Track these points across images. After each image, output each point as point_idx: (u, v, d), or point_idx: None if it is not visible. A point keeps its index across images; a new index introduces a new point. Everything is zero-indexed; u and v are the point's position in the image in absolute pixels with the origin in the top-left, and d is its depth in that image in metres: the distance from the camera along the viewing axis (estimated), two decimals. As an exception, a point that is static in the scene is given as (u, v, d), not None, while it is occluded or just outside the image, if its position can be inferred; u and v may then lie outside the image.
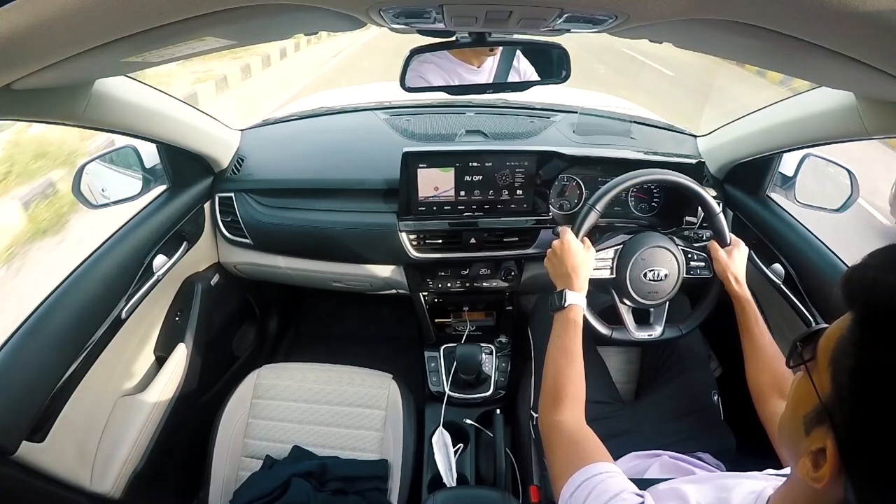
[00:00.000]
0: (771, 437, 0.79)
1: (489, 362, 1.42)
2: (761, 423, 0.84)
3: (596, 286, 1.00)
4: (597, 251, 0.99)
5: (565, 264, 0.93)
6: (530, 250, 1.28)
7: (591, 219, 0.99)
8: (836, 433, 0.39)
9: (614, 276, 1.01)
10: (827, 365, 0.41)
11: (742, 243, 1.03)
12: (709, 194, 1.02)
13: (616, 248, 1.02)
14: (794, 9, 0.42)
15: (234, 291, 1.50)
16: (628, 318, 1.03)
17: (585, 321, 0.94)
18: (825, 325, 0.44)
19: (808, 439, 0.42)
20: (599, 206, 0.99)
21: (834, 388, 0.40)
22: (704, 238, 1.07)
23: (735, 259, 1.00)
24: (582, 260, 0.94)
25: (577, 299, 0.89)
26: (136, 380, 1.16)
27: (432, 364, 1.44)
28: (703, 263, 1.05)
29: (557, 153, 1.20)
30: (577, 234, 0.97)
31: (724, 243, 1.02)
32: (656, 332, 1.04)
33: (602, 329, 1.00)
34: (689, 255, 1.05)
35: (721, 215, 1.02)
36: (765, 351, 0.89)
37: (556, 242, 0.97)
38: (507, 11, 0.51)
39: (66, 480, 0.93)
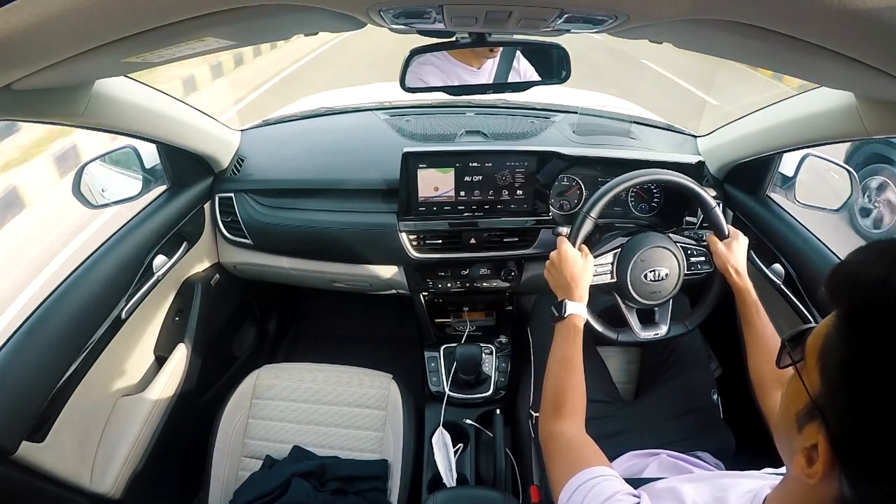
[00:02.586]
0: (772, 430, 0.79)
1: (489, 362, 1.42)
2: (761, 423, 0.84)
3: (598, 290, 1.00)
4: (595, 256, 0.99)
5: (564, 275, 0.93)
6: (530, 250, 1.28)
7: (587, 226, 0.99)
8: (828, 428, 0.39)
9: (615, 280, 1.01)
10: (815, 362, 0.41)
11: (741, 235, 1.03)
12: (703, 189, 1.02)
13: (614, 251, 1.02)
14: (795, 9, 0.42)
15: (234, 291, 1.50)
16: (633, 320, 1.03)
17: (591, 327, 0.94)
18: (812, 325, 0.45)
19: (801, 436, 0.42)
20: (594, 214, 0.99)
21: (823, 383, 0.40)
22: (705, 238, 1.07)
23: (734, 251, 1.00)
24: (581, 269, 0.93)
25: (577, 309, 0.89)
26: (136, 380, 1.16)
27: (432, 364, 1.43)
28: (703, 258, 1.05)
29: (557, 153, 1.20)
30: (573, 243, 0.97)
31: (722, 236, 1.02)
32: (662, 330, 1.04)
33: (608, 333, 1.00)
34: (689, 252, 1.05)
35: (717, 208, 1.02)
36: (767, 343, 0.89)
37: (553, 253, 0.97)
38: (507, 12, 0.51)
39: (66, 480, 0.93)
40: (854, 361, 0.38)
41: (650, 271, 1.00)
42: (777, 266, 1.17)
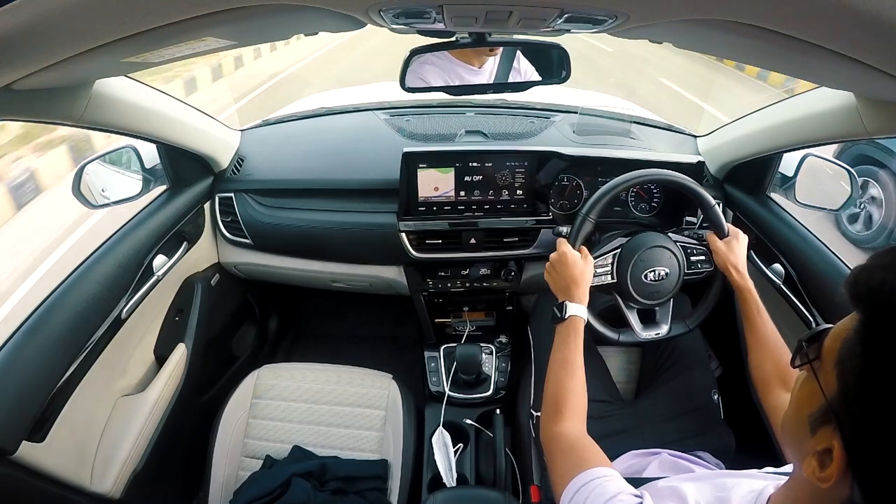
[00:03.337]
0: (773, 428, 0.79)
1: (489, 362, 1.42)
2: (761, 423, 0.84)
3: (598, 291, 1.00)
4: (595, 257, 0.99)
5: (564, 276, 0.93)
6: (530, 250, 1.28)
7: (586, 228, 0.99)
8: (843, 433, 0.38)
9: (615, 280, 1.01)
10: (833, 365, 0.41)
11: (740, 233, 1.02)
12: (702, 188, 1.02)
13: (614, 252, 1.02)
14: (795, 9, 0.42)
15: (234, 291, 1.50)
16: (634, 320, 1.03)
17: (592, 328, 0.94)
18: (830, 325, 0.43)
19: (813, 439, 0.42)
20: (593, 215, 0.99)
21: (840, 387, 0.40)
22: (705, 237, 1.07)
23: (734, 249, 0.99)
24: (581, 270, 0.93)
25: (578, 311, 0.89)
26: (136, 380, 1.16)
27: (432, 364, 1.43)
28: (703, 257, 1.05)
29: (557, 153, 1.20)
30: (573, 245, 0.97)
31: (721, 235, 1.02)
32: (663, 330, 1.04)
33: (609, 334, 1.00)
34: (689, 251, 1.05)
35: (717, 207, 1.02)
36: (767, 341, 0.88)
37: (553, 255, 0.97)
38: (507, 12, 0.51)
39: (66, 480, 0.93)
40: (874, 369, 0.37)
41: (650, 271, 1.00)
42: (777, 266, 1.17)
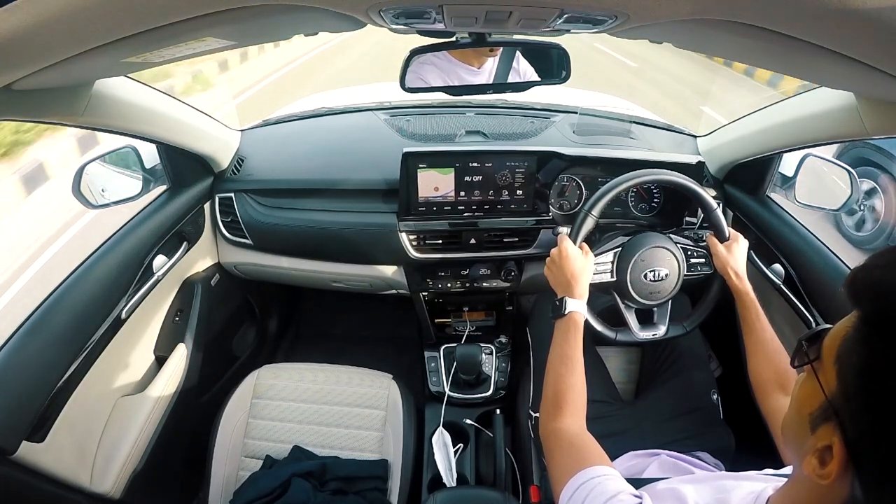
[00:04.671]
0: (772, 432, 0.79)
1: (489, 362, 1.42)
2: (761, 423, 0.84)
3: (597, 289, 1.00)
4: (595, 255, 0.99)
5: (565, 272, 0.93)
6: (531, 250, 1.28)
7: (588, 224, 0.99)
8: (843, 430, 0.39)
9: (615, 279, 1.01)
10: (833, 363, 0.41)
11: (741, 237, 1.03)
12: (705, 191, 1.02)
13: (615, 250, 1.02)
14: (795, 9, 0.42)
15: (234, 291, 1.50)
16: (631, 319, 1.03)
17: (589, 325, 0.94)
18: (829, 326, 0.44)
19: (813, 437, 0.42)
20: (595, 212, 0.99)
21: (840, 385, 0.40)
22: (705, 238, 1.07)
23: (734, 253, 1.00)
24: (581, 267, 0.93)
25: (577, 306, 0.89)
26: (136, 380, 1.16)
27: (432, 364, 1.43)
28: (703, 260, 1.05)
29: (557, 153, 1.20)
30: (574, 241, 0.97)
31: (722, 238, 1.02)
32: (660, 331, 1.04)
33: (606, 332, 1.00)
34: (689, 253, 1.05)
35: (718, 210, 1.02)
36: (766, 346, 0.89)
37: (554, 251, 0.97)
38: (507, 12, 0.51)
39: (66, 480, 0.93)
40: (873, 366, 0.38)
41: (650, 271, 1.00)
42: (777, 266, 1.17)
